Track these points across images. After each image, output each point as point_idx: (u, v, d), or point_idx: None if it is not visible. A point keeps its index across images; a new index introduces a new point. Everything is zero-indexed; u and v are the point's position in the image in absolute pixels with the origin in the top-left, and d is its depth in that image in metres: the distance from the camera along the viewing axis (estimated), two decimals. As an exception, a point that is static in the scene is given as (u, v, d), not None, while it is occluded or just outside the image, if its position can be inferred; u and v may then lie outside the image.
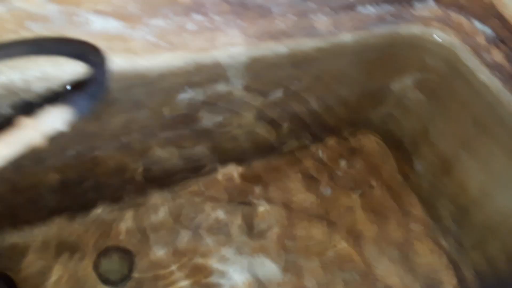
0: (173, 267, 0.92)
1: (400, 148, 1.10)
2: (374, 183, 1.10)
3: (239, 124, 0.96)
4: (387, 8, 0.84)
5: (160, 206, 1.01)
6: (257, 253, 0.97)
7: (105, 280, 0.90)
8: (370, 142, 1.16)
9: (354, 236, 1.02)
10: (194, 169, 1.04)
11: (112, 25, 0.67)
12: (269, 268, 0.95)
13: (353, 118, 1.09)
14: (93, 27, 0.66)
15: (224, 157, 1.05)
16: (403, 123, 1.06)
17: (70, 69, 0.69)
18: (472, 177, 0.93)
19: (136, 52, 0.73)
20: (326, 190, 1.07)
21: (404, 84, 1.00)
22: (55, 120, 0.47)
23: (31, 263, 0.86)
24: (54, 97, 0.66)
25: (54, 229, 0.92)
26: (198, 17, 0.72)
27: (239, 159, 1.07)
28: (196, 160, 1.02)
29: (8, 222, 0.90)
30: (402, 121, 1.06)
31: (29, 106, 0.66)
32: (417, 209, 1.07)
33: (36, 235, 0.90)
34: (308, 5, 0.78)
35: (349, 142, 1.14)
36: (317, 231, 1.01)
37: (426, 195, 1.06)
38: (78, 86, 0.63)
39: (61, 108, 0.48)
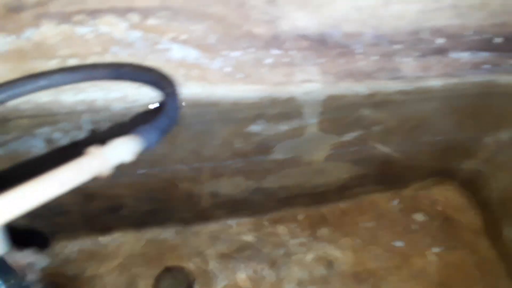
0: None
1: (488, 208, 0.98)
2: (454, 243, 0.99)
3: (309, 161, 0.93)
4: (484, 55, 0.77)
5: (223, 234, 1.00)
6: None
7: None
8: (453, 196, 1.05)
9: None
10: (259, 203, 1.02)
11: (191, 54, 0.69)
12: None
13: (436, 168, 1.00)
14: (173, 55, 0.68)
15: (291, 194, 1.02)
16: (493, 182, 0.95)
17: (148, 93, 0.71)
18: None
19: (212, 81, 0.73)
20: (399, 244, 0.99)
21: (499, 139, 0.90)
22: (123, 151, 0.48)
23: (91, 270, 0.89)
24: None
25: (118, 242, 0.95)
26: (276, 52, 0.71)
27: (306, 199, 1.04)
28: (264, 194, 1.00)
29: (81, 230, 0.96)
30: (492, 179, 0.95)
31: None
32: (504, 284, 0.94)
33: (103, 245, 0.94)
34: (394, 47, 0.74)
35: (429, 193, 1.05)
36: (386, 286, 0.94)
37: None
38: (148, 116, 0.64)
39: (130, 139, 0.49)
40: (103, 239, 0.96)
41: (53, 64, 0.63)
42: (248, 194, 0.99)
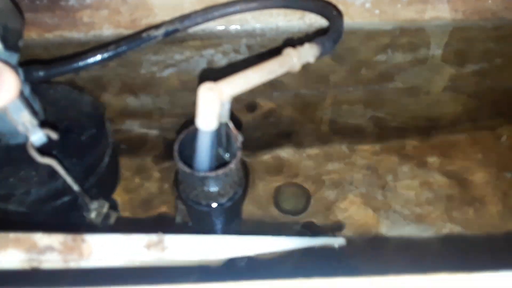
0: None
1: None
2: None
3: (427, 91, 1.02)
4: None
5: (337, 158, 1.11)
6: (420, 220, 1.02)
7: (282, 209, 1.04)
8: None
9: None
10: (374, 131, 1.12)
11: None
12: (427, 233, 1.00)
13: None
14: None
15: (405, 125, 1.11)
16: None
17: (297, 24, 0.86)
18: None
19: (352, 15, 0.86)
20: (506, 174, 1.06)
21: None
22: (309, 53, 0.63)
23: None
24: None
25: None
26: (414, -9, 0.81)
27: (417, 130, 1.12)
28: (379, 122, 1.10)
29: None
30: None
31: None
32: None
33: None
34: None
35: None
36: (491, 208, 1.02)
37: None
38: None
39: (313, 45, 0.63)
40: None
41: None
42: (364, 122, 1.10)
